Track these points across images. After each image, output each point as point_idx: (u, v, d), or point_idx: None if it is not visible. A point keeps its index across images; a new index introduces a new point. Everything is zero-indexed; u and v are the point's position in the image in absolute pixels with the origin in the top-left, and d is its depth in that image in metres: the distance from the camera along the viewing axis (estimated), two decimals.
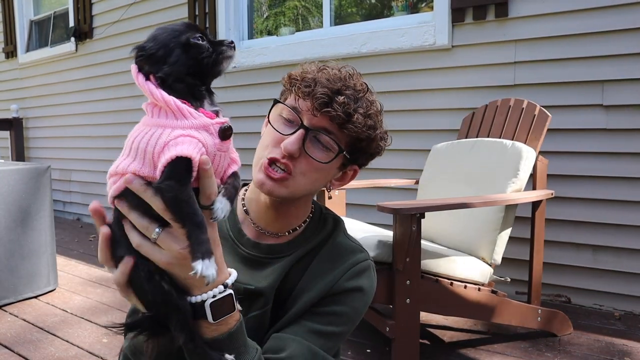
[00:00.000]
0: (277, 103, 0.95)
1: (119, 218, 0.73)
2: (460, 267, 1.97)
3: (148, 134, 0.67)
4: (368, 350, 2.13)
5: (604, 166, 2.50)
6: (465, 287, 1.94)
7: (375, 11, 3.87)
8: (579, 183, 2.56)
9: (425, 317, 2.39)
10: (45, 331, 2.33)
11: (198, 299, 0.71)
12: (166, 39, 0.71)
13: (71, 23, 5.29)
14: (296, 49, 3.50)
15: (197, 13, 4.10)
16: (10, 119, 5.82)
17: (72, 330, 2.34)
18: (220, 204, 0.70)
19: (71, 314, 2.54)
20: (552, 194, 2.21)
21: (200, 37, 0.71)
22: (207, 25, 4.04)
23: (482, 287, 1.99)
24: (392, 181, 2.90)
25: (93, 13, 5.08)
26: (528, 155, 2.15)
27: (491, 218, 2.11)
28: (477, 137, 2.52)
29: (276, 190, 0.89)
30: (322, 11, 3.62)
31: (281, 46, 3.63)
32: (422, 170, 2.64)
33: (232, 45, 0.73)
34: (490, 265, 2.08)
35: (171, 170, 0.64)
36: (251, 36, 4.09)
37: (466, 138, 2.59)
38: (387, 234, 1.96)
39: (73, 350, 2.13)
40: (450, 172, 2.45)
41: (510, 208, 2.12)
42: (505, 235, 2.12)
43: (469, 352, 2.08)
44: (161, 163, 0.65)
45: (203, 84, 0.72)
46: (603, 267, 2.53)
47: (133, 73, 0.71)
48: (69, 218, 5.54)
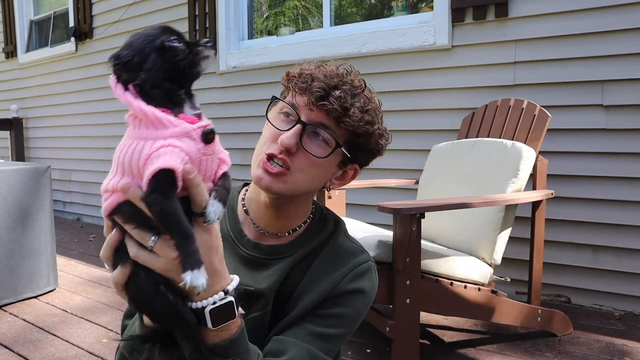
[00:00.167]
0: (275, 100, 0.95)
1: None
2: (460, 267, 1.97)
3: (131, 148, 0.67)
4: (368, 350, 2.13)
5: (604, 166, 2.50)
6: (465, 287, 1.94)
7: (375, 11, 3.88)
8: (579, 183, 2.56)
9: (425, 317, 2.39)
10: (45, 331, 2.33)
11: (198, 305, 0.71)
12: (141, 45, 0.69)
13: (71, 23, 5.29)
14: (296, 49, 3.50)
15: (197, 13, 4.10)
16: (10, 119, 5.82)
17: (72, 330, 2.34)
18: (212, 207, 0.69)
19: (71, 314, 2.54)
20: (552, 194, 2.21)
21: (175, 40, 0.69)
22: (207, 25, 4.04)
23: (482, 287, 1.99)
24: (392, 181, 2.90)
25: (93, 13, 5.09)
26: (528, 155, 2.15)
27: (491, 218, 2.11)
28: (477, 137, 2.52)
29: (274, 185, 0.88)
30: (322, 11, 3.62)
31: (281, 46, 3.63)
32: (422, 170, 2.64)
33: (209, 44, 0.71)
34: (490, 265, 2.08)
35: (155, 183, 0.64)
36: (251, 36, 4.09)
37: (466, 138, 2.59)
38: (387, 234, 1.96)
39: (73, 350, 2.13)
40: (450, 172, 2.45)
41: (510, 208, 2.12)
42: (505, 235, 2.12)
43: (469, 352, 2.08)
44: (146, 176, 0.64)
45: (182, 88, 0.70)
46: (603, 267, 2.53)
47: (112, 84, 0.70)
48: (69, 218, 5.54)
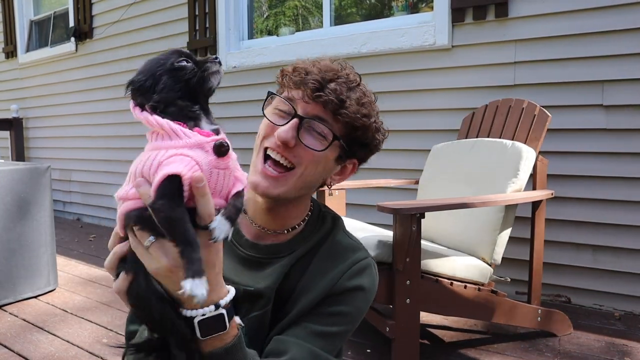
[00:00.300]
0: (271, 95, 0.95)
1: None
2: (460, 267, 1.97)
3: (145, 158, 0.69)
4: (368, 350, 2.13)
5: (604, 166, 2.50)
6: (465, 287, 1.94)
7: (375, 11, 3.88)
8: (579, 183, 2.56)
9: (425, 317, 2.39)
10: (45, 331, 2.33)
11: (187, 314, 0.71)
12: (152, 68, 0.73)
13: (71, 23, 5.29)
14: (296, 49, 3.50)
15: (197, 13, 4.10)
16: (10, 119, 5.82)
17: (72, 330, 2.34)
18: (217, 224, 0.69)
19: (71, 314, 2.54)
20: (552, 194, 2.21)
21: (184, 60, 0.72)
22: (207, 25, 4.04)
23: (482, 287, 1.99)
24: (392, 181, 2.90)
25: (93, 13, 5.09)
26: (528, 155, 2.15)
27: (491, 218, 2.11)
28: (477, 137, 2.52)
29: (272, 191, 0.88)
30: (322, 11, 3.62)
31: (281, 46, 3.63)
32: (422, 170, 2.64)
33: (217, 60, 0.73)
34: (490, 265, 2.08)
35: (162, 189, 0.65)
36: (251, 36, 4.09)
37: (466, 138, 2.59)
38: (387, 234, 1.96)
39: (73, 350, 2.13)
40: (450, 172, 2.45)
41: (510, 208, 2.12)
42: (505, 235, 2.12)
43: (469, 352, 2.08)
44: (154, 183, 0.65)
45: (196, 104, 0.72)
46: (603, 267, 2.53)
47: (131, 108, 0.73)
48: (69, 218, 5.54)
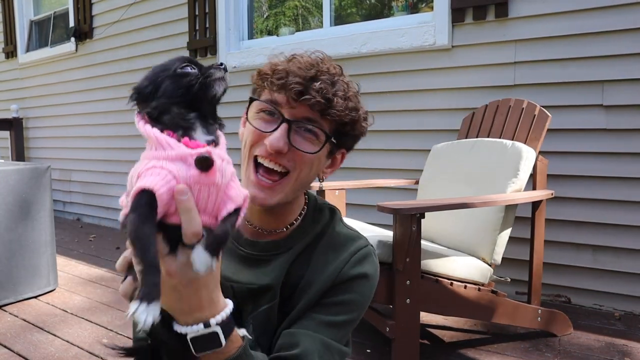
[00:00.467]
0: (254, 101, 0.92)
1: None
2: (460, 267, 1.97)
3: (134, 166, 0.67)
4: (368, 350, 2.13)
5: (604, 166, 2.50)
6: (465, 287, 1.94)
7: (375, 11, 3.88)
8: (579, 183, 2.56)
9: (425, 317, 2.39)
10: (45, 331, 2.33)
11: (178, 330, 0.69)
12: (155, 75, 0.70)
13: (71, 23, 5.30)
14: (296, 49, 3.49)
15: (197, 13, 4.10)
16: (10, 119, 5.82)
17: (72, 330, 2.34)
18: (196, 255, 0.64)
19: (71, 314, 2.54)
20: (552, 194, 2.21)
21: (188, 66, 0.68)
22: (207, 25, 4.04)
23: (482, 287, 1.99)
24: (392, 181, 2.90)
25: (93, 13, 5.09)
26: (528, 155, 2.15)
27: (491, 218, 2.11)
28: (477, 137, 2.52)
29: (268, 200, 0.88)
30: (322, 11, 3.62)
31: (281, 46, 3.63)
32: (422, 170, 2.64)
33: (222, 66, 0.69)
34: (490, 265, 2.08)
35: (135, 203, 0.62)
36: (251, 36, 4.09)
37: (466, 138, 2.59)
38: (387, 234, 1.96)
39: (73, 350, 2.13)
40: (450, 172, 2.45)
41: (510, 208, 2.12)
42: (505, 235, 2.12)
43: (469, 352, 2.08)
44: (130, 195, 0.62)
45: (194, 112, 0.68)
46: (603, 267, 2.53)
47: (135, 116, 0.70)
48: (69, 218, 5.54)
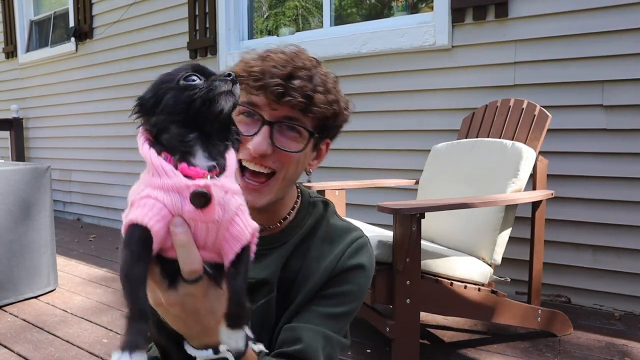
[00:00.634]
0: None
1: None
2: (460, 267, 1.97)
3: (132, 188, 0.62)
4: (368, 350, 2.13)
5: (604, 166, 2.50)
6: (465, 287, 1.94)
7: (375, 11, 3.88)
8: (579, 183, 2.56)
9: (425, 317, 2.39)
10: (45, 331, 2.33)
11: (189, 351, 0.69)
12: (158, 85, 0.62)
13: (71, 23, 5.29)
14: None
15: (197, 13, 4.10)
16: (10, 119, 5.82)
17: (72, 330, 2.34)
18: (225, 338, 0.61)
19: (71, 314, 2.54)
20: (552, 194, 2.21)
21: (194, 77, 0.61)
22: (207, 25, 4.04)
23: (482, 287, 1.99)
24: (392, 181, 2.90)
25: (93, 13, 5.09)
26: (528, 155, 2.15)
27: (491, 218, 2.11)
28: (477, 137, 2.51)
29: (257, 202, 0.87)
30: (322, 11, 3.62)
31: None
32: (422, 170, 2.64)
33: (229, 77, 0.61)
34: (490, 265, 2.08)
35: (127, 238, 0.57)
36: (251, 36, 4.09)
37: (466, 138, 2.59)
38: (387, 234, 1.96)
39: (73, 350, 2.13)
40: (450, 172, 2.45)
41: (510, 208, 2.12)
42: (505, 235, 2.12)
43: (469, 352, 2.08)
44: (123, 226, 0.57)
45: (196, 131, 0.60)
46: (603, 267, 2.53)
47: (139, 131, 0.65)
48: (69, 218, 5.54)
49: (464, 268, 1.98)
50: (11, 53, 6.19)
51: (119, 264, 0.57)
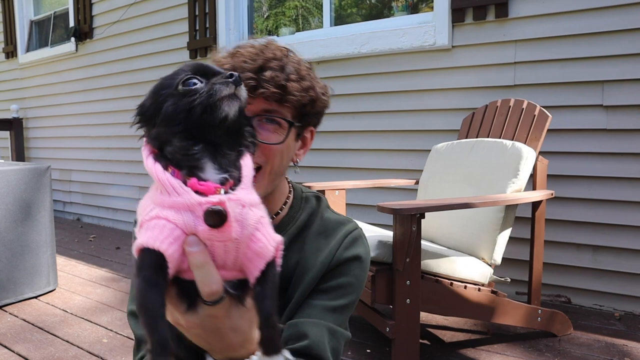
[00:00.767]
0: None
1: None
2: (460, 268, 1.97)
3: (140, 205, 0.58)
4: (368, 350, 2.13)
5: (604, 166, 2.50)
6: (465, 288, 1.94)
7: (375, 11, 3.87)
8: (579, 183, 2.56)
9: (425, 317, 2.39)
10: (45, 331, 2.33)
11: None
12: (156, 92, 0.57)
13: (71, 23, 5.30)
14: (296, 49, 3.50)
15: (197, 13, 4.10)
16: (10, 119, 5.82)
17: (72, 330, 2.34)
18: None
19: (71, 314, 2.54)
20: (552, 194, 2.21)
21: (194, 79, 0.56)
22: (207, 25, 4.04)
23: (482, 288, 1.99)
24: (392, 181, 2.90)
25: (93, 13, 5.09)
26: (528, 155, 2.15)
27: (491, 218, 2.11)
28: (477, 138, 2.52)
29: None
30: (322, 11, 3.62)
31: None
32: (422, 170, 2.64)
33: (231, 79, 0.56)
34: (490, 265, 2.08)
35: (139, 263, 0.53)
36: (251, 36, 4.09)
37: (466, 138, 2.59)
38: (387, 234, 1.96)
39: (73, 350, 2.13)
40: (450, 173, 2.45)
41: (510, 208, 2.12)
42: (505, 235, 2.12)
43: (469, 352, 2.08)
44: (133, 249, 0.53)
45: (201, 142, 0.55)
46: (603, 268, 2.53)
47: (143, 143, 0.60)
48: (69, 218, 5.54)
49: (464, 268, 1.98)
50: (11, 53, 6.19)
51: (135, 293, 0.53)
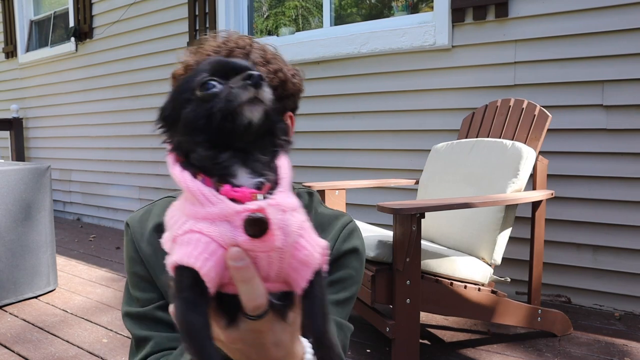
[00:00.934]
0: None
1: None
2: (460, 268, 1.97)
3: (168, 219, 0.54)
4: (368, 350, 2.13)
5: (604, 166, 2.50)
6: (465, 288, 1.94)
7: (375, 11, 3.88)
8: (579, 183, 2.56)
9: (425, 317, 2.39)
10: (45, 331, 2.33)
11: None
12: (175, 96, 0.53)
13: (71, 23, 5.29)
14: (296, 49, 3.50)
15: (197, 13, 4.09)
16: (10, 119, 5.82)
17: (72, 330, 2.34)
18: None
19: (71, 314, 2.54)
20: (552, 194, 2.21)
21: (216, 81, 0.50)
22: (207, 25, 4.04)
23: (482, 287, 1.99)
24: (392, 181, 2.90)
25: (93, 13, 5.09)
26: (528, 155, 2.15)
27: (491, 218, 2.11)
28: (477, 138, 2.51)
29: None
30: (322, 11, 3.62)
31: (281, 46, 3.55)
32: (422, 170, 2.64)
33: (250, 80, 0.50)
34: (490, 265, 2.08)
35: (177, 284, 0.49)
36: (251, 36, 4.09)
37: (466, 138, 2.59)
38: (387, 234, 1.96)
39: (73, 350, 2.13)
40: (450, 172, 2.45)
41: (510, 208, 2.12)
42: (505, 235, 2.12)
43: (469, 352, 2.08)
44: (168, 266, 0.50)
45: (227, 149, 0.50)
46: (603, 267, 2.53)
47: (166, 150, 0.56)
48: (69, 218, 5.54)
49: (464, 268, 1.98)
50: (11, 53, 6.19)
51: (175, 314, 0.50)
